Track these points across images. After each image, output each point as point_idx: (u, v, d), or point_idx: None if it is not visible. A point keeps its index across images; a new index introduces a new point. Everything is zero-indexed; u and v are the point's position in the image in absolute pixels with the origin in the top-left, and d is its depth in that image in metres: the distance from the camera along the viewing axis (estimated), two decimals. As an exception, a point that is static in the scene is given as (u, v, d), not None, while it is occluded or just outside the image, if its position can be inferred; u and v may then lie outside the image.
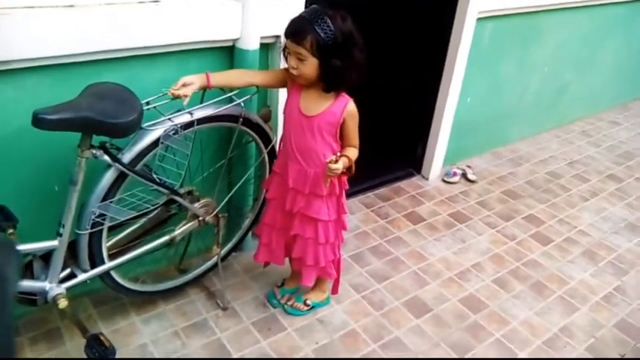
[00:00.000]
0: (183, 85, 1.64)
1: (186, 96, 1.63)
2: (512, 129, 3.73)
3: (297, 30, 1.61)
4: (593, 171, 3.56)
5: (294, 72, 1.66)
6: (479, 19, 2.80)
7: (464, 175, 3.27)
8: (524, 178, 3.39)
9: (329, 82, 1.69)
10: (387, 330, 2.13)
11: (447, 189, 3.15)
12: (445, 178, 3.21)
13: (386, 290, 2.32)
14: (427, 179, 3.21)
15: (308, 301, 2.15)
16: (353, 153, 1.79)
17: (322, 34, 1.58)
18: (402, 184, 3.15)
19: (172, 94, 1.63)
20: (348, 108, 1.74)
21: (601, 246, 2.79)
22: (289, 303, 2.15)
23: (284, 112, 1.85)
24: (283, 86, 1.86)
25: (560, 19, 3.41)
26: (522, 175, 3.42)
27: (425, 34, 2.75)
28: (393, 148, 3.05)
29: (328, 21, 1.59)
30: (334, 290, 2.16)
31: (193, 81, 1.66)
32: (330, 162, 1.68)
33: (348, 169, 1.76)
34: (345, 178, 1.88)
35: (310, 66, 1.63)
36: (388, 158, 3.07)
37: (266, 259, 2.08)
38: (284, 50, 1.70)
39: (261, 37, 1.98)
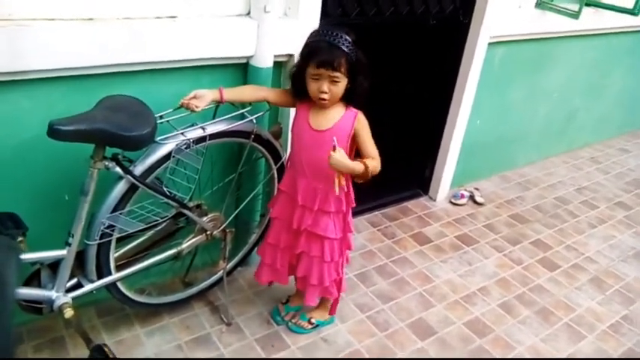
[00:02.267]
0: (195, 97, 1.66)
1: (197, 107, 1.65)
2: (520, 153, 3.73)
3: (330, 57, 1.62)
4: (601, 198, 3.55)
5: (325, 96, 1.67)
6: (490, 44, 2.83)
7: (471, 198, 3.26)
8: (532, 202, 3.38)
9: (352, 96, 1.73)
10: (390, 351, 2.11)
11: (454, 211, 3.14)
12: (453, 200, 3.21)
13: (391, 311, 2.31)
14: (434, 200, 3.20)
15: (312, 320, 2.14)
16: (370, 163, 1.78)
17: (348, 52, 1.63)
18: (410, 204, 3.14)
19: (182, 103, 1.65)
20: (358, 118, 1.77)
21: (609, 274, 2.76)
22: (293, 321, 2.14)
23: (292, 130, 1.86)
24: (293, 106, 1.88)
25: (571, 46, 3.43)
26: (530, 199, 3.41)
27: (437, 56, 2.77)
28: (401, 167, 3.05)
29: (347, 38, 1.64)
30: (332, 311, 2.15)
31: (205, 94, 1.68)
32: (331, 149, 1.67)
33: (364, 175, 1.76)
34: (352, 196, 1.89)
35: (341, 87, 1.68)
36: (396, 178, 3.07)
37: (269, 279, 2.07)
38: (299, 73, 1.71)
39: (275, 56, 2.00)
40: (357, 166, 1.74)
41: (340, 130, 1.75)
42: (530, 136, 3.68)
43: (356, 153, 1.83)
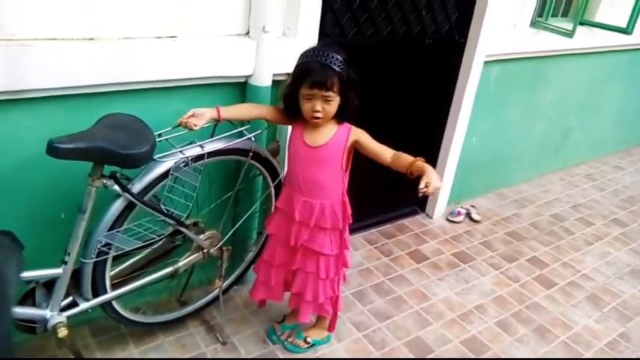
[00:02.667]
0: (193, 116, 1.67)
1: (195, 125, 1.66)
2: (516, 170, 3.75)
3: (323, 78, 1.64)
4: (597, 215, 3.56)
5: (318, 115, 1.70)
6: (486, 63, 2.86)
7: (468, 215, 3.27)
8: (528, 219, 3.39)
9: (345, 113, 1.75)
10: (387, 371, 2.10)
11: (451, 228, 3.15)
12: (449, 217, 3.21)
13: (387, 330, 2.30)
14: (431, 217, 3.21)
15: (308, 339, 2.13)
16: (400, 154, 1.85)
17: (341, 73, 1.66)
18: (406, 221, 3.15)
19: (181, 122, 1.66)
20: (352, 130, 1.80)
21: (605, 291, 2.76)
22: (289, 340, 2.13)
23: (288, 148, 1.88)
24: (289, 123, 1.89)
25: (565, 65, 3.47)
26: (526, 216, 3.42)
27: (433, 75, 2.80)
28: (397, 185, 3.05)
29: (338, 57, 1.66)
30: (331, 328, 2.14)
31: (203, 113, 1.69)
32: (424, 189, 1.73)
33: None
34: (349, 213, 1.90)
35: (334, 106, 1.71)
36: (392, 195, 3.08)
37: (263, 296, 2.07)
38: (292, 92, 1.73)
39: (274, 75, 2.02)
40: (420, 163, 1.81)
41: (335, 145, 1.78)
42: (526, 154, 3.70)
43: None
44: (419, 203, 3.25)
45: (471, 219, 3.25)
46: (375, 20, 2.38)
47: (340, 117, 1.77)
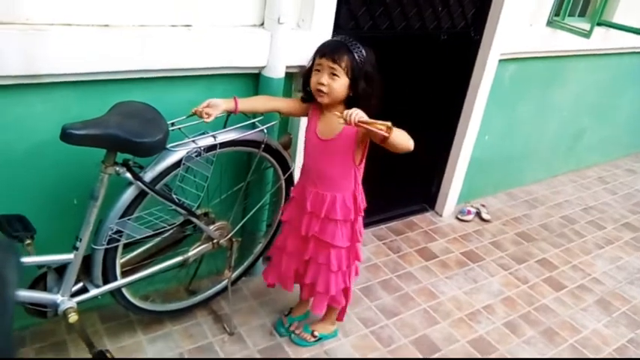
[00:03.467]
0: (208, 106, 1.68)
1: (209, 115, 1.66)
2: (528, 170, 3.72)
3: (335, 49, 1.68)
4: (608, 218, 3.53)
5: (323, 88, 1.69)
6: (501, 61, 2.83)
7: (478, 214, 3.25)
8: (538, 220, 3.36)
9: (354, 104, 1.71)
10: (394, 367, 2.09)
11: (460, 227, 3.13)
12: (459, 216, 3.20)
13: (395, 326, 2.29)
14: (441, 216, 3.19)
15: (315, 333, 2.12)
16: (402, 131, 1.67)
17: (357, 58, 1.68)
18: (416, 218, 3.13)
19: (195, 111, 1.67)
20: None
21: (615, 296, 2.74)
22: (297, 332, 2.13)
23: (305, 138, 1.88)
24: (304, 114, 1.89)
25: (581, 65, 3.43)
26: (537, 217, 3.39)
27: (447, 71, 2.78)
28: (407, 182, 3.05)
29: (362, 48, 1.70)
30: (340, 317, 2.14)
31: (219, 103, 1.70)
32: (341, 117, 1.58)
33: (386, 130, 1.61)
34: (361, 205, 1.88)
35: (341, 84, 1.69)
36: (403, 192, 3.07)
37: (273, 280, 2.08)
38: (309, 70, 1.74)
39: (287, 67, 2.01)
40: (377, 123, 1.58)
41: (345, 138, 1.76)
42: (538, 154, 3.67)
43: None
44: (428, 201, 3.23)
45: (481, 218, 3.23)
46: (390, 14, 2.37)
47: (350, 106, 1.72)
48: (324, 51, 1.69)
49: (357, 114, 1.57)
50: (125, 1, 1.67)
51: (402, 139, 1.67)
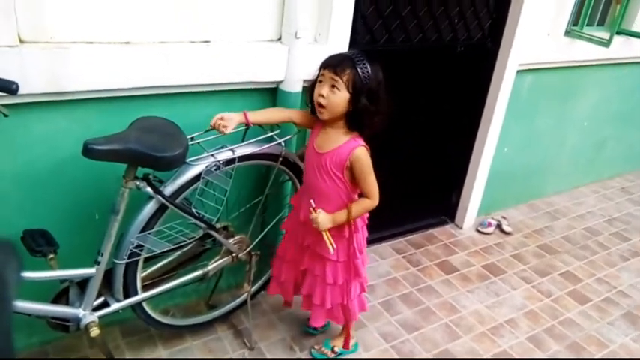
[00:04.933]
0: (222, 119, 1.70)
1: (226, 128, 1.69)
2: (548, 182, 3.67)
3: (338, 62, 1.67)
4: (633, 229, 3.45)
5: (322, 100, 1.68)
6: (519, 71, 2.81)
7: (499, 226, 3.21)
8: (560, 232, 3.30)
9: (354, 120, 1.71)
10: (415, 382, 2.06)
11: (481, 239, 3.09)
12: (479, 229, 3.16)
13: (416, 341, 2.26)
14: (461, 228, 3.16)
15: (335, 348, 2.10)
16: (359, 208, 1.78)
17: (360, 74, 1.65)
18: (435, 231, 3.10)
19: (213, 124, 1.70)
20: (355, 152, 1.72)
21: (643, 309, 2.67)
22: (316, 347, 2.11)
23: (306, 150, 1.88)
24: (313, 126, 1.89)
25: (601, 74, 3.39)
26: (559, 229, 3.34)
27: (464, 83, 2.77)
28: (427, 194, 3.03)
29: (367, 65, 1.67)
30: (345, 344, 2.08)
31: (232, 117, 1.72)
32: (311, 212, 1.73)
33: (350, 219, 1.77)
34: (358, 224, 1.86)
35: (340, 98, 1.67)
36: (422, 205, 3.05)
37: (276, 290, 2.08)
38: (313, 82, 1.74)
39: (304, 81, 2.02)
40: (339, 217, 1.77)
41: (336, 157, 1.74)
42: (558, 165, 3.62)
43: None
44: (448, 213, 3.20)
45: (502, 230, 3.19)
46: (406, 27, 2.38)
47: (350, 123, 1.73)
48: (328, 63, 1.69)
49: (319, 224, 1.73)
50: (145, 19, 1.71)
51: (359, 212, 1.80)
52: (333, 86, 1.66)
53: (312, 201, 1.75)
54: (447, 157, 2.99)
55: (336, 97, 1.67)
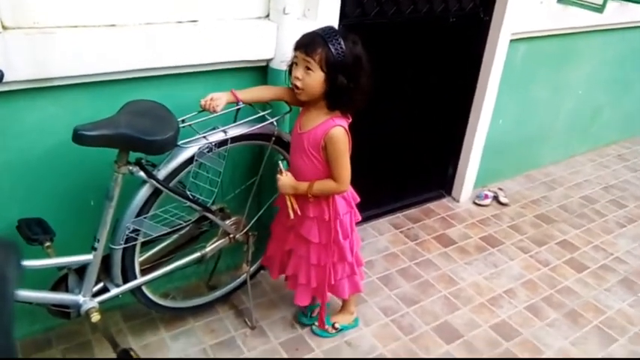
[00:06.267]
0: (212, 100, 1.68)
1: (217, 106, 1.67)
2: (544, 152, 3.66)
3: (309, 42, 1.63)
4: (630, 196, 3.46)
5: (297, 83, 1.66)
6: (512, 41, 2.78)
7: (495, 198, 3.21)
8: (557, 202, 3.31)
9: (332, 99, 1.68)
10: (416, 356, 2.08)
11: (478, 212, 3.10)
12: (476, 201, 3.16)
13: (415, 314, 2.28)
14: (458, 201, 3.16)
15: (336, 324, 2.12)
16: (321, 186, 1.75)
17: (333, 51, 1.61)
18: (432, 205, 3.11)
19: (203, 104, 1.68)
20: (330, 132, 1.69)
21: (639, 275, 2.69)
22: (317, 324, 2.13)
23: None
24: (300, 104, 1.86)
25: (595, 41, 3.36)
26: (556, 199, 3.34)
27: (457, 54, 2.74)
28: (423, 169, 3.02)
29: (341, 40, 1.62)
30: (320, 322, 2.08)
31: (220, 96, 1.70)
32: (278, 172, 1.76)
33: (312, 195, 1.76)
34: (337, 205, 1.82)
35: (315, 79, 1.64)
36: (418, 179, 3.04)
37: (264, 262, 2.11)
38: (291, 64, 1.71)
39: (295, 58, 1.99)
40: (301, 186, 1.77)
41: (314, 137, 1.73)
42: (554, 134, 3.61)
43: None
44: (445, 187, 3.20)
45: (499, 202, 3.20)
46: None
47: (329, 102, 1.69)
48: (299, 43, 1.65)
49: (281, 185, 1.77)
50: (130, 0, 1.67)
51: (320, 190, 1.77)
52: (307, 68, 1.63)
53: (280, 162, 1.79)
54: (442, 131, 2.98)
55: (311, 79, 1.64)
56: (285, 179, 1.77)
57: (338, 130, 1.69)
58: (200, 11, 1.81)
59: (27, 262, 1.54)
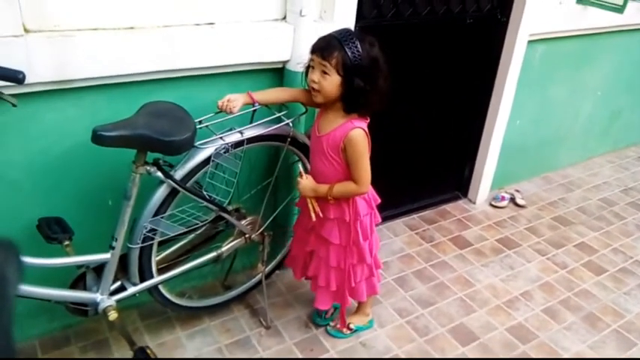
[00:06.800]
0: (229, 101, 1.70)
1: (234, 107, 1.69)
2: (563, 153, 3.62)
3: (325, 45, 1.63)
4: (650, 199, 3.41)
5: (314, 85, 1.67)
6: (530, 42, 2.76)
7: (512, 200, 3.18)
8: (575, 204, 3.27)
9: (349, 102, 1.68)
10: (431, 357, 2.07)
11: (494, 213, 3.07)
12: (493, 203, 3.14)
13: (431, 316, 2.27)
14: (474, 203, 3.14)
15: (351, 325, 2.12)
16: (342, 188, 1.75)
17: (349, 54, 1.60)
18: (448, 206, 3.09)
19: (221, 105, 1.70)
20: (349, 134, 1.69)
21: (660, 278, 2.65)
22: (332, 324, 2.13)
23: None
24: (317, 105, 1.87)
25: (615, 42, 3.31)
26: (574, 201, 3.30)
27: (474, 55, 2.72)
28: (439, 170, 3.01)
29: (357, 43, 1.62)
30: (342, 323, 2.08)
31: (237, 98, 1.71)
32: (299, 176, 1.77)
33: (332, 197, 1.77)
34: (357, 206, 1.82)
35: (331, 82, 1.64)
36: (434, 180, 3.03)
37: (289, 263, 2.12)
38: (307, 67, 1.71)
39: (311, 59, 2.00)
40: (321, 189, 1.77)
41: (333, 139, 1.73)
42: (572, 136, 3.57)
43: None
44: (461, 188, 3.18)
45: (516, 204, 3.17)
46: (413, 0, 2.33)
47: (346, 105, 1.69)
48: (316, 47, 1.65)
49: (302, 188, 1.78)
50: (149, 2, 1.69)
51: (341, 193, 1.77)
52: (324, 72, 1.63)
53: (300, 165, 1.80)
54: (459, 132, 2.96)
55: (327, 82, 1.64)
56: (306, 182, 1.78)
57: (357, 132, 1.69)
58: (217, 13, 1.83)
59: (46, 261, 1.58)
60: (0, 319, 0.73)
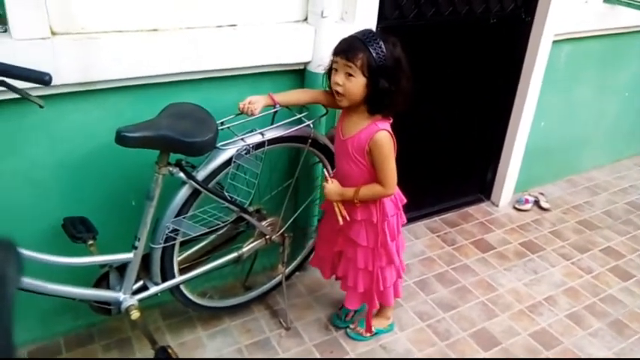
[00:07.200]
0: (250, 103, 1.70)
1: (255, 109, 1.69)
2: (588, 156, 3.55)
3: (349, 47, 1.61)
4: (679, 203, 3.32)
5: (338, 88, 1.65)
6: (555, 42, 2.71)
7: (536, 203, 3.13)
8: (601, 207, 3.20)
9: (374, 103, 1.67)
10: (452, 361, 2.05)
11: (518, 217, 3.03)
12: (516, 205, 3.09)
13: (452, 320, 2.24)
14: (497, 206, 3.10)
15: (372, 328, 2.11)
16: (368, 191, 1.74)
17: (374, 55, 1.59)
18: (471, 209, 3.05)
19: (242, 107, 1.70)
20: (375, 137, 1.68)
21: (690, 284, 2.57)
22: (352, 326, 2.12)
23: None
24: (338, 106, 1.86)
25: (643, 41, 3.24)
26: (599, 204, 3.23)
27: (498, 56, 2.69)
28: (461, 171, 2.98)
29: (381, 43, 1.60)
30: (367, 327, 2.08)
31: (258, 99, 1.72)
32: (324, 180, 1.77)
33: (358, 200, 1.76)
34: (384, 207, 1.81)
35: (357, 84, 1.62)
36: (456, 182, 3.00)
37: (315, 263, 2.11)
38: (329, 69, 1.70)
39: (332, 61, 1.99)
40: (347, 192, 1.76)
41: (358, 142, 1.72)
42: (598, 138, 3.49)
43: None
44: (484, 191, 3.14)
45: (540, 207, 3.11)
46: (436, 1, 2.31)
47: (370, 106, 1.68)
48: (339, 49, 1.63)
49: (328, 193, 1.76)
50: (172, 5, 1.71)
51: (367, 196, 1.76)
52: (349, 74, 1.62)
53: (325, 170, 1.79)
54: (482, 133, 2.93)
55: (352, 85, 1.63)
56: (331, 187, 1.77)
57: (382, 135, 1.68)
58: (239, 15, 1.84)
59: (71, 260, 1.60)
60: (0, 319, 0.72)
